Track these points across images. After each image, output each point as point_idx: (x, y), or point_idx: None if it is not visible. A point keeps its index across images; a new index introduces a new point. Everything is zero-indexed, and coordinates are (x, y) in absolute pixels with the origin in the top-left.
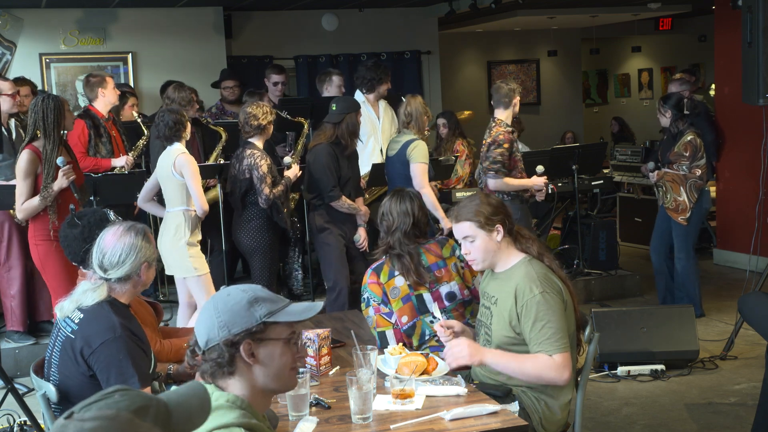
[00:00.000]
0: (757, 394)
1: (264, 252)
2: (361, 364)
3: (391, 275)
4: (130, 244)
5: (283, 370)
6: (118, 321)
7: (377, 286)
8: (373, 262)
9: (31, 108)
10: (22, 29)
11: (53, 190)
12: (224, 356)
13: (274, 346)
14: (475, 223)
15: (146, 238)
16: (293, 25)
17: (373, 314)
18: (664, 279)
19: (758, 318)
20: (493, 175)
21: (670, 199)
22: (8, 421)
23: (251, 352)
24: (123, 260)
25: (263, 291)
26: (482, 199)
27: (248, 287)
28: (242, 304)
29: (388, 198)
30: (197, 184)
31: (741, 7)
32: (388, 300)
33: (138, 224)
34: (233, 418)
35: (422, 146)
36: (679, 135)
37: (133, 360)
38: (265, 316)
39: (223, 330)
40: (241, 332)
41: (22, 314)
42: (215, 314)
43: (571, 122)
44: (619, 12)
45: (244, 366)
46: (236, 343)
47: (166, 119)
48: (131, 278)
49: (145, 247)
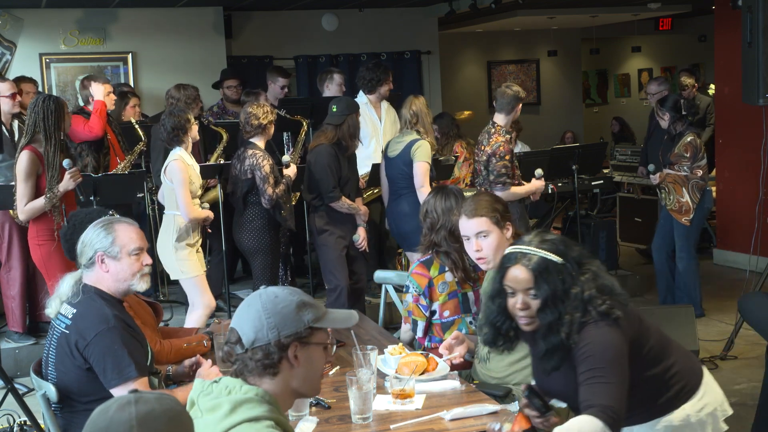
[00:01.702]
0: (757, 394)
1: (265, 252)
2: (361, 364)
3: (441, 270)
4: (89, 230)
5: (316, 375)
6: (111, 312)
7: (423, 278)
8: (371, 262)
9: (30, 108)
10: (22, 29)
11: (59, 191)
12: (272, 357)
13: (314, 351)
14: (492, 218)
15: (108, 228)
16: (293, 25)
17: (410, 300)
18: (665, 279)
19: (758, 318)
20: (501, 188)
21: (673, 201)
22: (8, 421)
23: (295, 354)
24: (83, 247)
25: (306, 295)
26: (492, 196)
27: (294, 290)
28: (291, 307)
29: (432, 195)
30: (185, 192)
31: (741, 7)
32: (430, 294)
33: (118, 217)
34: (262, 411)
35: (426, 146)
36: (678, 136)
37: (128, 349)
38: (313, 321)
39: (272, 331)
40: (291, 335)
41: (21, 315)
42: (264, 315)
43: (571, 122)
44: (619, 12)
45: (287, 367)
46: (286, 346)
47: (166, 124)
48: (93, 267)
49: (101, 235)
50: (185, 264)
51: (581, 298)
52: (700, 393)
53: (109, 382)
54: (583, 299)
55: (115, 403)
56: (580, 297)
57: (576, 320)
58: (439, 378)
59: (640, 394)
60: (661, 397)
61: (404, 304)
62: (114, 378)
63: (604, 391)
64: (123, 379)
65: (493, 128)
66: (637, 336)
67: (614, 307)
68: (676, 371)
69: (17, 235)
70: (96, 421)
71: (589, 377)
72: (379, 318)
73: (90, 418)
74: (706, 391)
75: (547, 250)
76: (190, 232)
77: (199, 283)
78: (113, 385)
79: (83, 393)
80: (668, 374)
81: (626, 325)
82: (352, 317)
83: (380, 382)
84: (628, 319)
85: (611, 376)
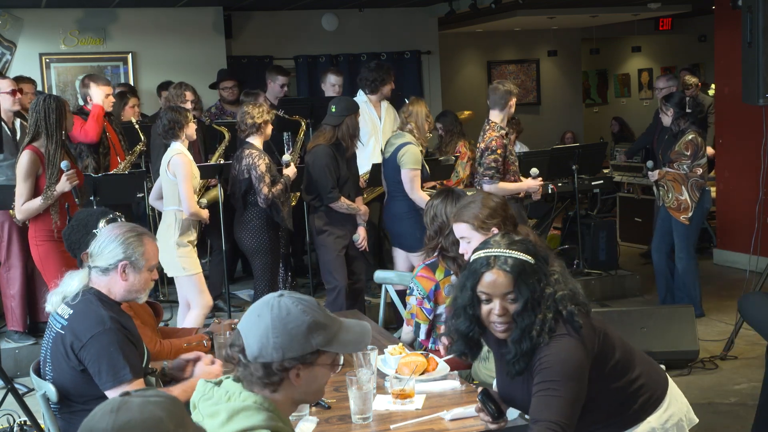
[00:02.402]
0: (757, 394)
1: (265, 252)
2: (361, 364)
3: (447, 273)
4: (116, 235)
5: (320, 388)
6: (107, 314)
7: (428, 282)
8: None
9: (31, 108)
10: (22, 29)
11: (56, 192)
12: (273, 377)
13: (319, 371)
14: (471, 225)
15: (139, 240)
16: (293, 25)
17: (414, 303)
18: (665, 279)
19: (758, 318)
20: (488, 181)
21: (672, 198)
22: (8, 421)
23: (298, 374)
24: (103, 249)
25: (320, 312)
26: (482, 201)
27: (308, 307)
28: (302, 329)
29: (440, 199)
30: (188, 186)
31: (741, 7)
32: (435, 297)
33: (143, 228)
34: (260, 420)
35: (412, 151)
36: (680, 134)
37: (123, 352)
38: (322, 345)
39: (277, 352)
40: (295, 358)
41: (21, 314)
42: (272, 333)
43: (571, 122)
44: (619, 12)
45: (288, 384)
46: (288, 368)
47: (163, 119)
48: (109, 272)
49: (131, 246)
50: (186, 261)
51: (554, 297)
52: (665, 404)
53: (104, 384)
54: (555, 299)
55: (101, 410)
56: (552, 296)
57: (548, 320)
58: (439, 378)
59: (604, 408)
60: (627, 411)
61: (407, 306)
62: (109, 380)
63: (554, 405)
64: (118, 381)
65: (488, 125)
66: (600, 350)
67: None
68: (642, 383)
69: (17, 234)
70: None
71: (542, 389)
72: (379, 318)
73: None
74: (671, 402)
75: (520, 251)
76: (191, 228)
77: (198, 282)
78: (108, 387)
79: (79, 393)
80: (633, 387)
81: (589, 337)
82: (364, 340)
83: (380, 382)
84: (593, 331)
85: (564, 391)
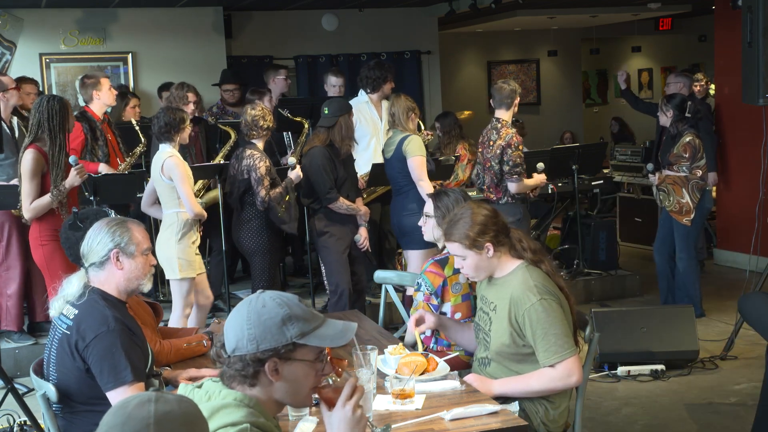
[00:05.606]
0: (757, 394)
1: (264, 252)
2: (361, 364)
3: (456, 271)
4: (101, 228)
5: (302, 391)
6: (112, 314)
7: (437, 277)
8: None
9: (34, 108)
10: (22, 29)
11: (65, 188)
12: (248, 370)
13: (299, 367)
14: (462, 244)
15: (123, 226)
16: (293, 25)
17: (421, 299)
18: (667, 281)
19: (758, 318)
20: (517, 179)
21: (673, 202)
22: (8, 421)
23: (275, 369)
24: (92, 245)
25: (299, 307)
26: (472, 216)
27: (286, 301)
28: (276, 320)
29: (452, 198)
30: (187, 187)
31: (741, 7)
32: (442, 293)
33: (124, 217)
34: (241, 416)
35: (416, 140)
36: (678, 136)
37: (126, 353)
38: (296, 337)
39: (252, 344)
40: (269, 350)
41: (18, 314)
42: (247, 325)
43: (571, 122)
44: (619, 12)
45: (266, 380)
46: (262, 360)
47: (161, 119)
48: (104, 265)
49: (117, 233)
50: (184, 263)
51: None
52: None
53: (105, 384)
54: None
55: (135, 399)
56: None
57: None
58: (439, 378)
59: None
60: None
61: (414, 303)
62: (110, 381)
63: None
64: (118, 382)
65: (499, 123)
66: None
67: None
68: None
69: (16, 234)
70: (114, 415)
71: None
72: (379, 318)
73: (108, 412)
74: None
75: None
76: (193, 229)
77: (188, 287)
78: (109, 388)
79: (83, 394)
80: None
81: None
82: (347, 334)
83: (380, 382)
84: None
85: None
